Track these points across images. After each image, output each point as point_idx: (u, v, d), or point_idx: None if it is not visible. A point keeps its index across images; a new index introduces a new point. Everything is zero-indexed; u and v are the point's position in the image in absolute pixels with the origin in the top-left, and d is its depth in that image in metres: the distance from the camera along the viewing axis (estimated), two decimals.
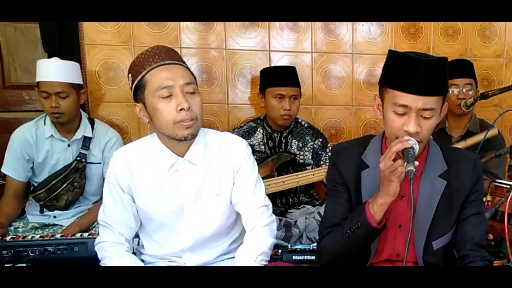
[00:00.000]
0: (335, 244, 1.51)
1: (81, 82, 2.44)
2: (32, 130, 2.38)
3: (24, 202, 2.51)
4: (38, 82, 2.31)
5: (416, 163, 1.35)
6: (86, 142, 2.43)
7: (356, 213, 1.49)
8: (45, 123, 2.39)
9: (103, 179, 2.45)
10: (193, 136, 1.56)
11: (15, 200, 2.39)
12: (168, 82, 1.49)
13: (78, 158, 2.41)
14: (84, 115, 2.47)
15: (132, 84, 1.56)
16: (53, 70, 2.29)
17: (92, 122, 2.48)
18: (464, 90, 2.64)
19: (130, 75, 1.58)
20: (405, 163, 1.34)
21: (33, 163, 2.41)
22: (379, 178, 1.44)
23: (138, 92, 1.54)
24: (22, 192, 2.42)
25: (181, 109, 1.49)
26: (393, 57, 1.43)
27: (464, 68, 2.68)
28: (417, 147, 1.38)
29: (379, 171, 1.41)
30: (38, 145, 2.38)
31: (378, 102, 1.49)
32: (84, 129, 2.42)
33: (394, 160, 1.38)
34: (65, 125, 2.38)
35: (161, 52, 1.55)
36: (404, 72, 1.36)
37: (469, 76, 2.69)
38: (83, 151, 2.42)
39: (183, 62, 1.59)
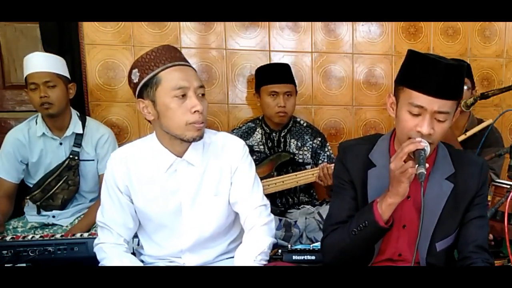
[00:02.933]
0: (341, 241, 1.51)
1: (68, 76, 2.43)
2: (25, 131, 2.39)
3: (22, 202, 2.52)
4: (26, 78, 2.31)
5: (427, 165, 1.35)
6: (78, 139, 2.43)
7: (363, 212, 1.49)
8: (36, 123, 2.40)
9: (98, 176, 2.47)
10: (201, 138, 1.57)
11: (7, 200, 2.39)
12: (184, 82, 1.50)
13: (71, 156, 2.41)
14: (74, 112, 2.47)
15: (140, 80, 1.53)
16: (39, 62, 2.31)
17: (83, 120, 2.47)
18: None
19: (136, 70, 1.55)
20: (416, 165, 1.34)
21: (27, 164, 2.42)
22: (385, 177, 1.44)
23: (147, 89, 1.52)
24: (13, 193, 2.42)
25: (195, 111, 1.50)
26: (413, 56, 1.42)
27: None
28: (428, 150, 1.38)
29: (390, 171, 1.41)
30: (31, 145, 2.39)
31: (392, 101, 1.48)
32: (74, 126, 2.42)
33: (405, 161, 1.37)
34: (56, 119, 2.37)
35: (173, 52, 1.56)
36: (423, 73, 1.36)
37: None
38: (75, 149, 2.42)
39: (191, 65, 1.61)
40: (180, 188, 1.63)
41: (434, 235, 1.52)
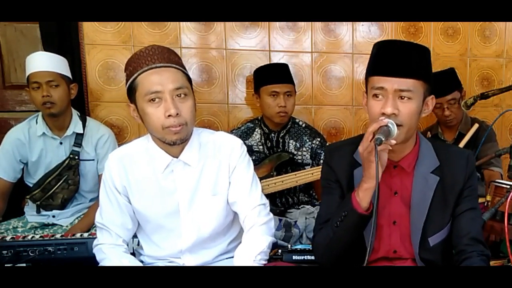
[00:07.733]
0: (326, 237, 1.51)
1: (70, 76, 2.44)
2: (25, 130, 2.40)
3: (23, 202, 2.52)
4: (28, 77, 2.32)
5: (393, 141, 1.36)
6: (78, 139, 2.44)
7: (343, 203, 1.50)
8: (37, 122, 2.41)
9: (98, 176, 2.47)
10: (182, 141, 1.55)
11: (1, 199, 2.39)
12: (157, 87, 1.48)
13: (71, 156, 2.42)
14: (75, 112, 2.48)
15: (126, 84, 1.55)
16: (43, 61, 2.32)
17: (84, 120, 2.49)
18: (448, 106, 2.68)
19: (125, 74, 1.57)
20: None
21: (26, 163, 2.42)
22: None
23: (131, 93, 1.54)
24: (8, 192, 2.42)
25: (169, 115, 1.48)
26: (374, 47, 1.48)
27: (444, 85, 2.67)
28: (394, 128, 1.37)
29: (359, 155, 1.42)
30: (31, 145, 2.40)
31: (365, 99, 1.51)
32: (75, 126, 2.44)
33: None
34: (57, 119, 2.38)
35: (154, 53, 1.52)
36: (381, 56, 1.42)
37: (452, 91, 2.68)
38: (76, 148, 2.43)
39: (177, 63, 1.55)
40: (177, 188, 1.63)
41: (425, 230, 1.52)
